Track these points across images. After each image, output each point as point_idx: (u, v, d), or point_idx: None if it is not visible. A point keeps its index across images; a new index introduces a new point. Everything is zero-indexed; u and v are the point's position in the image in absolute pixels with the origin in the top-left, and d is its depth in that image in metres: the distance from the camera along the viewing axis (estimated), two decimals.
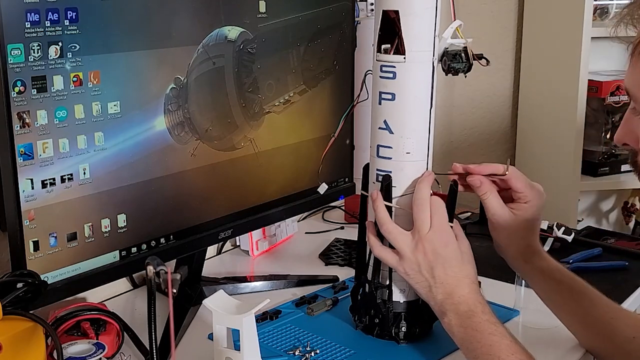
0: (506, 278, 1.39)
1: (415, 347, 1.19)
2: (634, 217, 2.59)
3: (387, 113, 1.13)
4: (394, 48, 1.12)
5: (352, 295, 1.25)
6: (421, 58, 1.12)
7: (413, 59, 1.11)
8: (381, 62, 1.13)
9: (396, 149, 1.13)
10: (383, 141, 1.14)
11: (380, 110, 1.14)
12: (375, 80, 1.14)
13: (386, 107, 1.13)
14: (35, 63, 1.02)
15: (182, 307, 1.31)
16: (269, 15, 1.36)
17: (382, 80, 1.12)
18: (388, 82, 1.11)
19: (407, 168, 1.14)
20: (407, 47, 1.10)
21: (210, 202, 1.32)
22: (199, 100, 1.26)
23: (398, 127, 1.13)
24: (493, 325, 1.04)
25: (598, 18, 2.35)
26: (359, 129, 1.68)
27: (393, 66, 1.10)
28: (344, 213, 1.86)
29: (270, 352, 1.19)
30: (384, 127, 1.13)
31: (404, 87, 1.12)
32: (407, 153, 1.13)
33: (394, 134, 1.13)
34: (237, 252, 1.65)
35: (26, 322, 0.96)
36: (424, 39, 1.11)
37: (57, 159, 1.07)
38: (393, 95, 1.11)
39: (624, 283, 1.48)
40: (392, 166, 1.14)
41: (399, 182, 1.14)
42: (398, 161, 1.13)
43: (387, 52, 1.12)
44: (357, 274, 1.24)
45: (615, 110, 2.29)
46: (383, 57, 1.13)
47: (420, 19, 1.10)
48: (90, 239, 1.13)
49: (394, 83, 1.11)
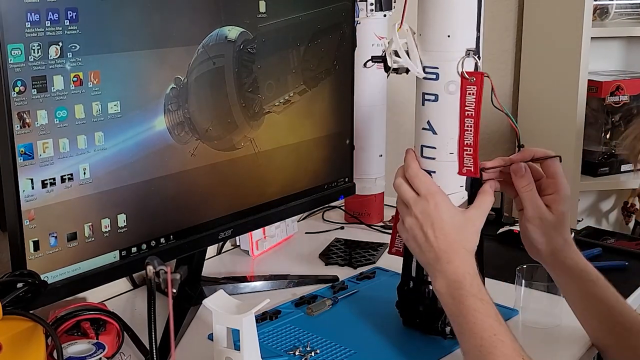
0: (506, 278, 1.39)
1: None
2: (633, 217, 2.60)
3: (430, 114, 1.13)
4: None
5: (398, 292, 1.25)
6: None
7: (455, 59, 1.11)
8: (424, 63, 1.13)
9: (440, 149, 1.13)
10: (427, 141, 1.14)
11: (423, 111, 1.14)
12: (417, 81, 1.14)
13: (429, 108, 1.13)
14: (35, 63, 1.02)
15: (182, 307, 1.31)
16: (269, 15, 1.36)
17: (425, 81, 1.12)
18: (431, 83, 1.12)
19: (450, 168, 1.13)
20: (450, 48, 1.10)
21: (210, 202, 1.32)
22: (199, 100, 1.26)
23: (441, 127, 1.13)
24: (479, 301, 1.03)
25: (598, 18, 2.35)
26: (359, 129, 1.68)
27: (436, 67, 1.11)
28: (344, 213, 1.86)
29: (270, 352, 1.19)
30: (428, 127, 1.13)
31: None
32: (450, 153, 1.13)
33: (437, 134, 1.13)
34: (237, 252, 1.65)
35: (26, 322, 0.96)
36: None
37: (57, 159, 1.07)
38: (436, 97, 1.11)
39: (624, 283, 1.47)
40: (436, 166, 1.14)
41: (443, 181, 1.13)
42: (442, 161, 1.13)
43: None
44: (404, 270, 1.24)
45: (615, 110, 2.28)
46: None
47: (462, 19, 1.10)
48: (90, 238, 1.13)
49: (437, 84, 1.11)
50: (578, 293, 1.18)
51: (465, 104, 1.10)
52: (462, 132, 1.11)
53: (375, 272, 1.50)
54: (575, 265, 1.16)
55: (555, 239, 1.15)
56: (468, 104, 1.10)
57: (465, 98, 1.10)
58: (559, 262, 1.17)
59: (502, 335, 1.00)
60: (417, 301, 1.21)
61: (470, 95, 1.10)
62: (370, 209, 1.82)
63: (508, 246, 1.64)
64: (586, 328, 1.21)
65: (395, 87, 1.89)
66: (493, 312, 1.02)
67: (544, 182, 1.16)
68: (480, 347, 0.99)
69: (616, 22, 2.37)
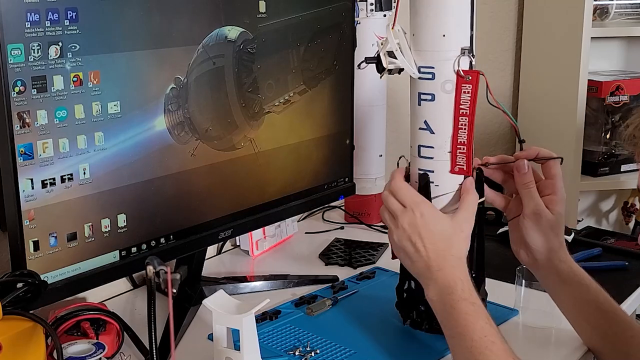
0: (506, 278, 1.39)
1: None
2: (633, 217, 2.59)
3: (427, 114, 1.13)
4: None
5: (397, 292, 1.25)
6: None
7: (450, 58, 1.11)
8: (418, 63, 1.13)
9: (438, 148, 1.13)
10: (424, 141, 1.14)
11: (420, 111, 1.14)
12: (412, 81, 1.14)
13: (426, 107, 1.13)
14: (35, 63, 1.02)
15: (182, 307, 1.31)
16: (269, 15, 1.36)
17: (421, 81, 1.12)
18: (427, 83, 1.12)
19: (449, 167, 1.14)
20: (445, 47, 1.10)
21: (210, 202, 1.32)
22: (199, 100, 1.26)
23: (439, 126, 1.13)
24: (470, 305, 1.04)
25: (598, 18, 2.35)
26: (359, 129, 1.68)
27: (432, 67, 1.11)
28: (344, 213, 1.86)
29: (270, 352, 1.19)
30: (425, 127, 1.13)
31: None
32: (448, 152, 1.13)
33: (435, 133, 1.13)
34: (237, 252, 1.65)
35: (26, 322, 0.96)
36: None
37: (57, 159, 1.07)
38: (432, 96, 1.11)
39: (623, 283, 1.48)
40: (434, 165, 1.14)
41: (441, 180, 1.14)
42: (440, 160, 1.13)
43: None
44: (402, 270, 1.23)
45: (615, 110, 2.28)
46: None
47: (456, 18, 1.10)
48: (90, 238, 1.13)
49: (433, 84, 1.11)
50: (571, 298, 1.18)
51: (460, 102, 1.10)
52: (456, 130, 1.11)
53: (375, 272, 1.50)
54: (569, 269, 1.16)
55: (552, 239, 1.15)
56: (463, 102, 1.10)
57: (461, 96, 1.10)
58: (553, 266, 1.17)
59: (493, 337, 1.01)
60: (417, 301, 1.21)
61: (466, 93, 1.10)
62: (370, 209, 1.82)
63: (508, 246, 1.63)
64: (580, 333, 1.21)
65: (395, 87, 1.89)
66: (484, 314, 1.03)
67: (542, 183, 1.17)
68: (470, 348, 1.00)
69: (616, 22, 2.37)
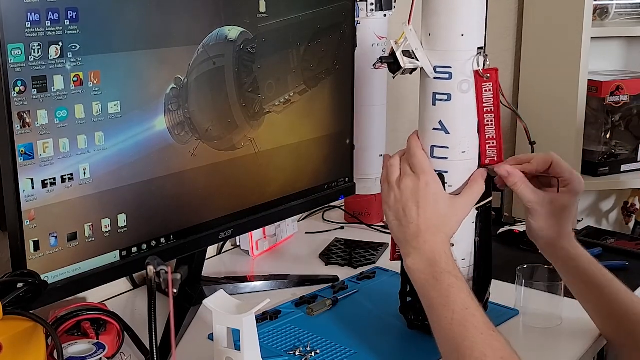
0: (506, 278, 1.39)
1: None
2: (634, 217, 2.60)
3: (443, 114, 1.12)
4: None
5: (400, 297, 1.23)
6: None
7: (467, 58, 1.10)
8: (434, 63, 1.12)
9: (452, 149, 1.12)
10: (438, 142, 1.13)
11: (434, 112, 1.12)
12: (427, 81, 1.13)
13: (442, 107, 1.12)
14: (35, 63, 1.02)
15: (182, 307, 1.31)
16: (269, 15, 1.36)
17: (437, 81, 1.11)
18: (443, 83, 1.11)
19: (462, 166, 1.13)
20: (463, 47, 1.10)
21: (211, 202, 1.32)
22: (199, 100, 1.26)
23: (454, 126, 1.12)
24: (454, 277, 1.05)
25: (598, 18, 2.35)
26: (359, 129, 1.68)
27: (449, 67, 1.10)
28: (344, 213, 1.86)
29: (270, 352, 1.19)
30: (440, 128, 1.12)
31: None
32: (462, 152, 1.12)
33: (450, 134, 1.12)
34: (237, 252, 1.65)
35: (26, 322, 0.96)
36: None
37: (57, 159, 1.07)
38: (449, 96, 1.11)
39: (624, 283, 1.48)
40: (448, 166, 1.13)
41: (454, 180, 1.13)
42: (454, 160, 1.13)
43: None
44: (403, 273, 1.22)
45: (615, 110, 2.28)
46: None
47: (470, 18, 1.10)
48: (91, 238, 1.13)
49: (450, 83, 1.10)
50: (585, 286, 1.20)
51: (483, 100, 1.10)
52: (483, 127, 1.12)
53: (375, 272, 1.50)
54: (582, 254, 1.19)
55: (553, 228, 1.17)
56: (486, 100, 1.10)
57: (483, 95, 1.10)
58: (559, 252, 1.19)
59: (474, 310, 1.03)
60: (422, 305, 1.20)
61: (487, 91, 1.10)
62: (371, 209, 1.82)
63: (508, 246, 1.65)
64: (594, 320, 1.22)
65: (395, 87, 1.89)
66: (466, 288, 1.05)
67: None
68: (452, 319, 1.02)
69: (616, 22, 2.37)
